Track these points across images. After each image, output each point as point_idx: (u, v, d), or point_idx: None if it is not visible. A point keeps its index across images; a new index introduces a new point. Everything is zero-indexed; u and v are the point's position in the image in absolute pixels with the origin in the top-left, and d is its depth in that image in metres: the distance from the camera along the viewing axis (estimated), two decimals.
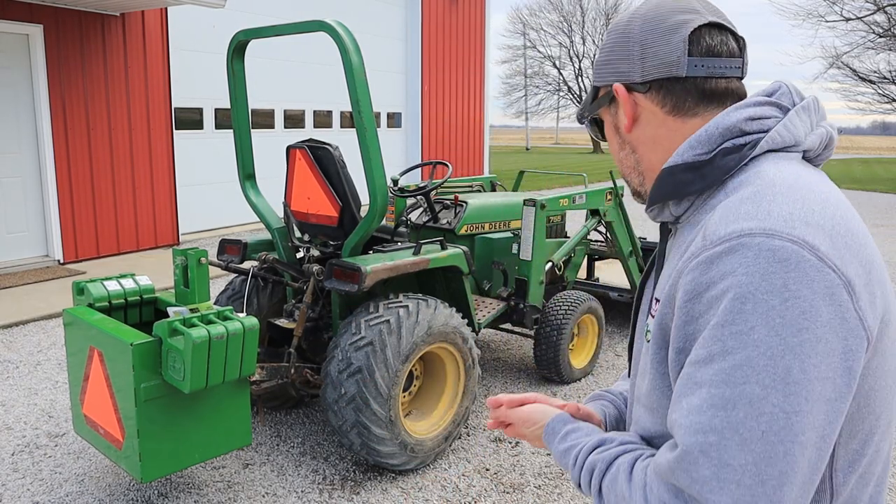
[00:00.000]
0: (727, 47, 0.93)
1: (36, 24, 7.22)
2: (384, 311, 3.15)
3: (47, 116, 7.44)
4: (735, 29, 0.96)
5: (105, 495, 3.15)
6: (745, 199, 0.83)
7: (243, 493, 3.19)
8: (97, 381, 2.84)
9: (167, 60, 8.67)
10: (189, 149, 9.48)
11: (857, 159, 36.70)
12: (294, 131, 11.36)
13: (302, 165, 3.52)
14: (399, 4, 13.46)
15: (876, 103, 25.20)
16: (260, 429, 3.81)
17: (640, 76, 0.96)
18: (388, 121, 13.60)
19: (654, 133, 0.97)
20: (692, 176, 0.91)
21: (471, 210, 4.43)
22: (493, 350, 5.16)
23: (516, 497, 3.20)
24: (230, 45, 3.53)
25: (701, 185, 0.90)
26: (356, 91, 3.09)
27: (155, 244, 8.76)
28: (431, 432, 3.40)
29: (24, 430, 3.80)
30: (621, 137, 1.03)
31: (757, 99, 0.92)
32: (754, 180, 0.86)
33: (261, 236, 3.86)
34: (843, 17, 22.40)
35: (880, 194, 17.24)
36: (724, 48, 0.93)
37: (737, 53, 0.94)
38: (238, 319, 2.70)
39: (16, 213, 7.43)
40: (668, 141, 0.96)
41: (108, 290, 3.09)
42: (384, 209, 3.25)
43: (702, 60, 0.92)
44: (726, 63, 0.93)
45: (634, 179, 1.04)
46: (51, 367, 4.77)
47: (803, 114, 0.91)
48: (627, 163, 1.03)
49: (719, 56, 0.93)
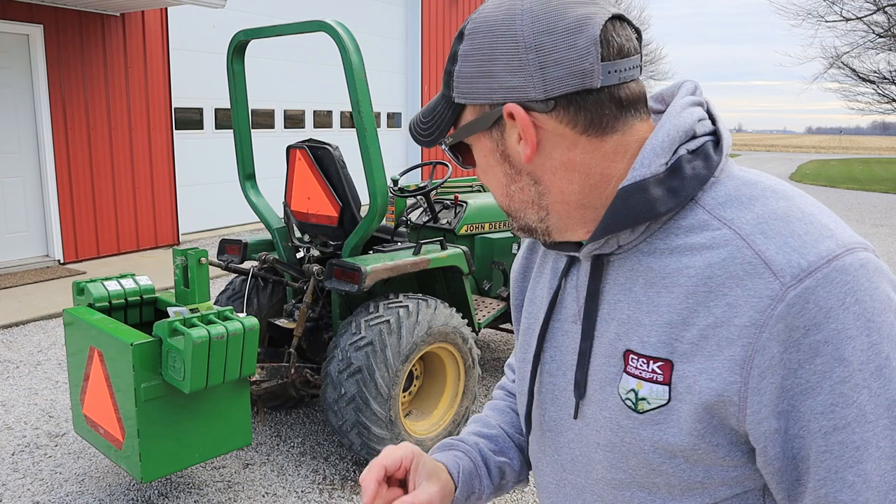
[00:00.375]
0: (632, 44, 0.77)
1: (36, 24, 7.22)
2: (384, 311, 3.15)
3: (47, 116, 7.44)
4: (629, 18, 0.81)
5: (105, 495, 3.15)
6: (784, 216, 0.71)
7: (243, 493, 3.19)
8: (97, 381, 2.84)
9: (167, 60, 8.67)
10: (189, 149, 9.48)
11: (857, 159, 36.71)
12: (294, 131, 11.36)
13: (302, 165, 3.52)
14: (399, 4, 13.46)
15: (876, 103, 25.22)
16: (260, 429, 3.81)
17: (541, 92, 0.75)
18: (388, 121, 13.60)
19: (565, 158, 0.78)
20: (661, 192, 0.74)
21: (471, 210, 4.44)
22: (493, 350, 5.16)
23: (516, 497, 3.20)
24: (230, 45, 3.53)
25: (674, 203, 0.74)
26: (356, 91, 3.09)
27: (155, 244, 8.76)
28: (431, 432, 3.40)
29: (25, 430, 3.80)
30: (514, 167, 0.81)
31: (691, 98, 0.80)
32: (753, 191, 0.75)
33: (261, 236, 3.86)
34: (842, 17, 22.41)
35: (880, 194, 17.24)
36: (632, 45, 0.77)
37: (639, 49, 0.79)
38: (238, 319, 2.70)
39: (16, 213, 7.43)
40: (586, 165, 0.78)
41: (109, 290, 3.09)
42: (384, 209, 3.25)
43: (614, 65, 0.74)
44: (634, 62, 0.77)
45: (531, 215, 0.82)
46: (51, 367, 4.77)
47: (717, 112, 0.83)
48: (522, 196, 0.82)
49: (629, 56, 0.76)
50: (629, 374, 0.76)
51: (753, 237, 0.70)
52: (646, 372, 0.75)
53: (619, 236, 0.78)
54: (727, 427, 0.72)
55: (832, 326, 0.64)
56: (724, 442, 0.72)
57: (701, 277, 0.72)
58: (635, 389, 0.76)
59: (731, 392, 0.69)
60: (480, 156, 0.83)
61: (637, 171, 0.75)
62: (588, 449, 0.83)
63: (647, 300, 0.76)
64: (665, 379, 0.73)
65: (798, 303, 0.65)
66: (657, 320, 0.74)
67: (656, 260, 0.76)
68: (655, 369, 0.74)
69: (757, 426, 0.69)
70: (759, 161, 33.29)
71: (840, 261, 0.66)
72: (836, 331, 0.64)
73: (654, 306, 0.75)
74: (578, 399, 0.83)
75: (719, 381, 0.69)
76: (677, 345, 0.73)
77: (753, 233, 0.70)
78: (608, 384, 0.79)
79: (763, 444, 0.69)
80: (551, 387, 0.88)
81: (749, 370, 0.68)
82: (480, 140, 0.82)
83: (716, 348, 0.70)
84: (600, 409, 0.80)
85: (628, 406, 0.76)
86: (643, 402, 0.75)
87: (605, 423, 0.80)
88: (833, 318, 0.64)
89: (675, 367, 0.73)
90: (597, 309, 0.81)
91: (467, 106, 0.80)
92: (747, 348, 0.68)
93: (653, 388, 0.74)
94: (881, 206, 14.48)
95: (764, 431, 0.69)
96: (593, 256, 0.82)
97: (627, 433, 0.77)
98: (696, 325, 0.71)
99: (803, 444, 0.67)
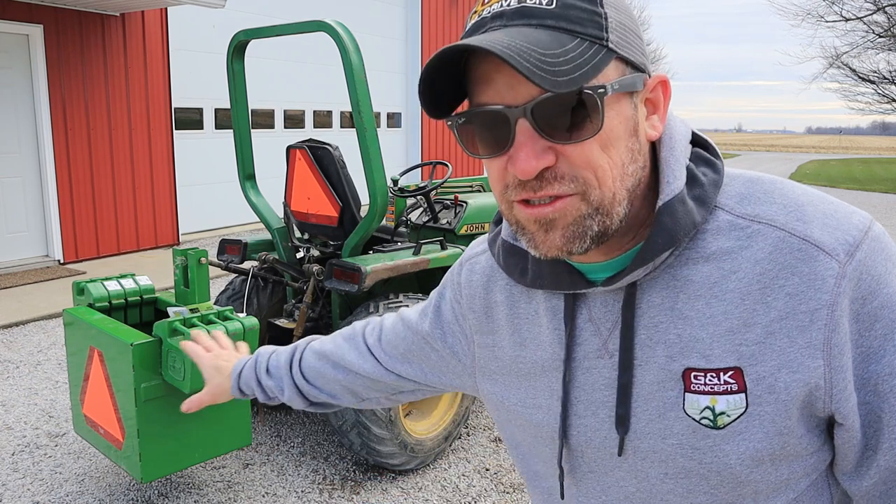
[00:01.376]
0: None
1: (36, 24, 7.22)
2: (384, 311, 3.15)
3: (47, 116, 7.44)
4: None
5: (105, 495, 3.15)
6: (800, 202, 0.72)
7: (243, 493, 3.19)
8: (97, 381, 2.84)
9: (167, 60, 8.67)
10: (189, 149, 9.48)
11: (857, 159, 36.72)
12: (294, 131, 11.36)
13: (302, 165, 3.52)
14: (399, 4, 13.46)
15: (876, 103, 25.21)
16: (260, 429, 3.81)
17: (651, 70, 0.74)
18: (388, 121, 13.61)
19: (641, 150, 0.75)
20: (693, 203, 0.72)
21: (471, 210, 4.44)
22: None
23: (516, 497, 3.20)
24: (230, 45, 3.53)
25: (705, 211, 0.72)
26: (356, 91, 3.09)
27: (155, 244, 8.76)
28: (431, 432, 3.40)
29: (25, 430, 3.80)
30: (640, 143, 0.72)
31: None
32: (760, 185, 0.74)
33: (261, 236, 3.86)
34: (842, 17, 22.41)
35: (880, 194, 17.24)
36: None
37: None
38: (238, 319, 2.70)
39: (16, 213, 7.43)
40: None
41: (109, 290, 3.09)
42: (384, 209, 3.25)
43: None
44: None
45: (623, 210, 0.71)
46: (51, 367, 4.77)
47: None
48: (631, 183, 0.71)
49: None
50: (696, 393, 0.72)
51: (793, 225, 0.70)
52: (718, 385, 0.71)
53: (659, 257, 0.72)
54: (809, 415, 0.71)
55: (885, 291, 0.68)
56: (805, 431, 0.72)
57: (751, 276, 0.70)
58: (710, 406, 0.72)
59: (817, 377, 0.68)
60: (616, 121, 0.68)
61: (672, 184, 0.72)
62: (649, 483, 0.78)
63: (697, 314, 0.72)
64: (740, 387, 0.71)
65: (855, 276, 0.67)
66: (715, 331, 0.71)
67: (694, 271, 0.73)
68: (727, 380, 0.71)
69: (844, 403, 0.69)
70: (759, 161, 33.29)
71: (872, 230, 0.70)
72: (889, 294, 0.68)
73: (709, 318, 0.72)
74: (623, 435, 0.77)
75: (802, 371, 0.69)
76: (743, 349, 0.70)
77: (790, 221, 0.70)
78: (668, 410, 0.74)
79: (850, 420, 0.70)
80: (583, 429, 0.81)
81: (829, 351, 0.68)
82: (622, 102, 0.69)
83: (787, 340, 0.69)
84: (662, 437, 0.75)
85: (705, 425, 0.72)
86: (723, 417, 0.72)
87: (674, 450, 0.75)
88: (884, 283, 0.68)
89: (747, 372, 0.70)
90: (633, 337, 0.76)
91: (613, 59, 0.68)
92: (823, 330, 0.68)
93: (729, 399, 0.71)
94: (881, 206, 14.48)
95: (851, 406, 0.69)
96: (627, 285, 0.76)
97: (707, 453, 0.73)
98: (759, 323, 0.70)
99: (875, 408, 0.69)
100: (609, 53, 0.67)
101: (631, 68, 0.70)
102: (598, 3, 0.68)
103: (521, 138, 0.67)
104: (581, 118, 0.66)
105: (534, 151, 0.66)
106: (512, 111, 0.66)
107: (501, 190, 0.71)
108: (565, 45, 0.65)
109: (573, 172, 0.68)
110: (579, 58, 0.65)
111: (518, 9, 0.67)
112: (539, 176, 0.68)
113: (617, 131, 0.68)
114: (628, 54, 0.69)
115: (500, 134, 0.68)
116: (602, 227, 0.70)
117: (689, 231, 0.71)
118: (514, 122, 0.67)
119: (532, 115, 0.66)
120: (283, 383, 1.15)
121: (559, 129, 0.66)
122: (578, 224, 0.69)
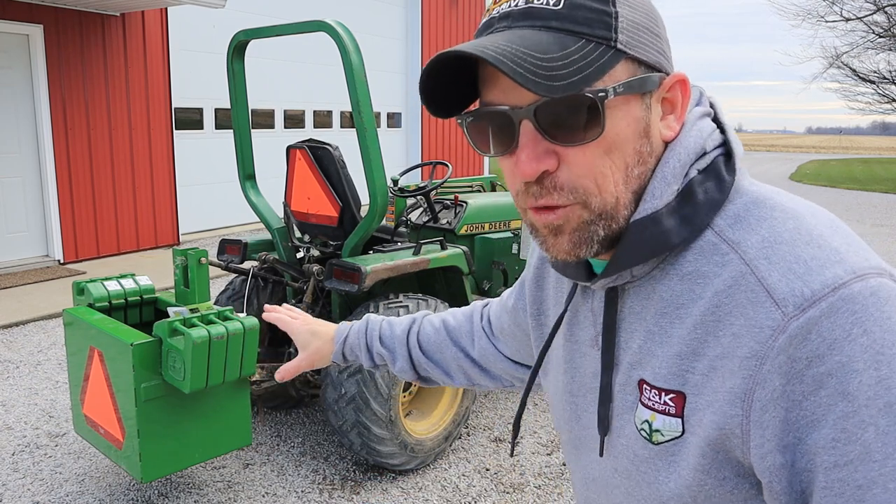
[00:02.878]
0: None
1: (36, 24, 7.22)
2: (384, 312, 3.15)
3: (47, 116, 7.44)
4: None
5: (105, 495, 3.15)
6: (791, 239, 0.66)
7: (243, 493, 3.19)
8: (97, 381, 2.84)
9: (167, 60, 8.67)
10: (189, 149, 9.48)
11: (857, 159, 36.72)
12: (294, 131, 11.36)
13: (302, 165, 3.52)
14: (399, 4, 13.46)
15: (876, 103, 25.21)
16: (260, 429, 3.81)
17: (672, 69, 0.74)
18: (388, 121, 13.61)
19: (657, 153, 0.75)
20: (674, 222, 0.70)
21: (471, 210, 4.44)
22: None
23: (516, 497, 3.20)
24: (230, 45, 3.53)
25: (688, 232, 0.70)
26: (356, 91, 3.09)
27: (155, 244, 8.76)
28: (431, 432, 3.40)
29: (25, 430, 3.80)
30: (651, 146, 0.71)
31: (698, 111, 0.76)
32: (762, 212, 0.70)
33: (261, 236, 3.86)
34: (842, 17, 22.41)
35: (880, 194, 17.24)
36: None
37: None
38: (238, 319, 2.70)
39: (16, 213, 7.43)
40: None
41: (109, 290, 3.09)
42: (384, 209, 3.25)
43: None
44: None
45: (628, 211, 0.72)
46: (51, 367, 4.77)
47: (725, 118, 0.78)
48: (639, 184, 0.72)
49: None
50: (643, 405, 0.73)
51: (757, 263, 0.66)
52: (658, 404, 0.72)
53: (633, 269, 0.73)
54: (733, 459, 0.68)
55: (836, 359, 0.60)
56: (731, 475, 0.69)
57: (710, 306, 0.68)
58: (649, 421, 0.73)
59: (734, 425, 0.66)
60: (623, 123, 0.68)
61: (648, 203, 0.70)
62: (607, 473, 0.81)
63: (659, 330, 0.72)
64: (677, 411, 0.70)
65: (800, 334, 0.61)
66: (668, 351, 0.71)
67: (667, 287, 0.72)
68: (668, 401, 0.71)
69: (761, 461, 0.65)
70: (759, 161, 33.30)
71: (848, 289, 0.61)
72: (841, 364, 0.60)
73: (667, 337, 0.71)
74: (603, 436, 0.79)
75: (721, 415, 0.66)
76: (689, 376, 0.69)
77: (757, 258, 0.66)
78: (625, 412, 0.76)
79: (768, 479, 0.65)
80: (574, 407, 0.86)
81: (750, 403, 0.64)
82: (630, 104, 0.68)
83: (720, 381, 0.66)
84: (618, 436, 0.78)
85: (643, 437, 0.74)
86: (657, 434, 0.72)
87: (623, 450, 0.77)
88: (838, 350, 0.60)
89: (688, 400, 0.69)
90: (614, 339, 0.77)
91: (622, 60, 0.67)
92: (748, 381, 0.64)
93: (665, 420, 0.71)
94: (881, 206, 14.48)
95: (769, 466, 0.65)
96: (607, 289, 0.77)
97: (643, 462, 0.75)
98: (707, 355, 0.68)
99: (809, 479, 0.63)
100: (617, 54, 0.66)
101: (645, 68, 0.69)
102: (610, 2, 0.67)
103: (524, 139, 0.67)
104: (583, 121, 0.66)
105: (535, 153, 0.67)
106: (516, 112, 0.67)
107: (514, 194, 0.73)
108: (568, 47, 0.65)
109: (572, 183, 0.68)
110: (581, 60, 0.65)
111: (525, 10, 0.67)
112: (539, 181, 0.68)
113: (623, 134, 0.68)
114: (639, 54, 0.68)
115: (505, 134, 0.69)
116: (608, 230, 0.70)
117: (658, 252, 0.70)
118: (518, 123, 0.67)
119: (535, 117, 0.66)
120: (397, 353, 1.15)
121: (562, 132, 0.66)
122: (584, 230, 0.70)
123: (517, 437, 0.92)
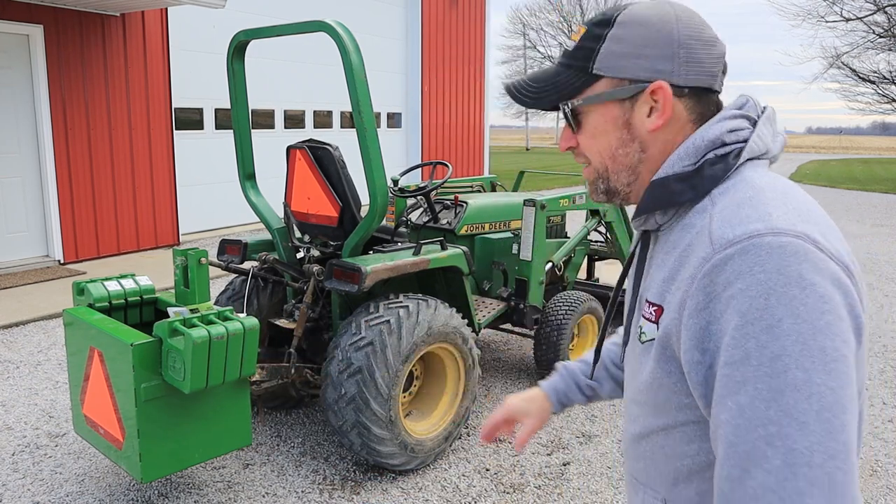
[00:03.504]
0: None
1: (36, 24, 7.22)
2: (384, 312, 3.15)
3: (47, 116, 7.44)
4: None
5: (105, 495, 3.15)
6: (743, 203, 0.89)
7: (243, 493, 3.19)
8: (97, 381, 2.84)
9: (167, 60, 8.67)
10: (189, 149, 9.48)
11: (857, 159, 36.71)
12: (294, 131, 11.36)
13: (302, 165, 3.52)
14: (399, 4, 13.46)
15: (876, 103, 25.21)
16: (260, 429, 3.81)
17: (682, 80, 0.97)
18: (388, 121, 13.60)
19: (672, 138, 0.99)
20: (683, 186, 0.96)
21: (471, 210, 4.44)
22: (493, 350, 5.16)
23: (516, 497, 3.20)
24: (230, 45, 3.53)
25: (692, 195, 0.96)
26: (356, 91, 3.09)
27: (155, 244, 8.76)
28: (431, 432, 3.40)
29: (25, 431, 3.80)
30: (631, 134, 1.00)
31: (732, 112, 0.99)
32: (741, 186, 0.93)
33: (261, 236, 3.86)
34: (842, 17, 22.41)
35: (880, 194, 17.24)
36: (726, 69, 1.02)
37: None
38: (238, 320, 2.70)
39: (16, 213, 7.43)
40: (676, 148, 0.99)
41: (109, 290, 3.09)
42: (384, 209, 3.25)
43: (723, 78, 1.01)
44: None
45: (624, 178, 1.03)
46: (51, 367, 4.77)
47: (768, 124, 1.00)
48: (625, 160, 1.01)
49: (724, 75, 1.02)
50: (643, 317, 1.00)
51: (714, 216, 0.91)
52: (647, 313, 0.98)
53: (656, 216, 1.00)
54: (675, 357, 0.92)
55: (738, 286, 0.82)
56: (675, 370, 0.93)
57: (686, 246, 0.93)
58: (641, 326, 1.00)
59: (673, 327, 0.91)
60: (601, 120, 1.01)
61: (664, 170, 0.98)
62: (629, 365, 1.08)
63: (661, 263, 0.98)
64: (656, 319, 0.96)
65: (719, 265, 0.85)
66: (660, 276, 0.97)
67: (674, 234, 0.98)
68: (651, 312, 0.97)
69: (685, 355, 0.88)
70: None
71: (760, 239, 0.83)
72: (741, 290, 0.82)
73: (664, 267, 0.97)
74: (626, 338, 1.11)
75: (669, 320, 0.92)
76: (666, 295, 0.94)
77: (716, 214, 0.91)
78: (637, 322, 1.05)
79: (688, 370, 0.89)
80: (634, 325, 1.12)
81: (683, 310, 0.89)
82: (608, 107, 1.00)
83: (674, 296, 0.92)
84: (632, 338, 1.07)
85: (640, 341, 1.00)
86: (643, 335, 0.99)
87: (632, 347, 1.07)
88: (741, 280, 0.82)
89: (664, 312, 0.94)
90: (643, 270, 1.06)
91: (603, 78, 0.99)
92: (684, 294, 0.89)
93: (649, 325, 0.97)
94: (881, 206, 14.48)
95: (688, 360, 0.88)
96: (643, 231, 1.06)
97: (636, 358, 1.03)
98: (677, 279, 0.93)
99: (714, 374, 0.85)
100: (594, 76, 0.99)
101: (628, 82, 0.98)
102: (600, 38, 0.98)
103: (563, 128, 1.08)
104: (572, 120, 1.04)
105: (565, 136, 1.07)
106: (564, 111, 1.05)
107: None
108: (559, 75, 1.02)
109: (583, 154, 1.06)
110: (562, 83, 1.02)
111: (562, 51, 1.03)
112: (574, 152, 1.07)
113: (602, 127, 1.01)
114: (616, 73, 0.98)
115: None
116: (606, 185, 1.05)
117: (662, 205, 0.98)
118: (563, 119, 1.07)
119: (565, 115, 1.04)
120: (602, 379, 1.38)
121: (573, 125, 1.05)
122: (594, 183, 1.07)
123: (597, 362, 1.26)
